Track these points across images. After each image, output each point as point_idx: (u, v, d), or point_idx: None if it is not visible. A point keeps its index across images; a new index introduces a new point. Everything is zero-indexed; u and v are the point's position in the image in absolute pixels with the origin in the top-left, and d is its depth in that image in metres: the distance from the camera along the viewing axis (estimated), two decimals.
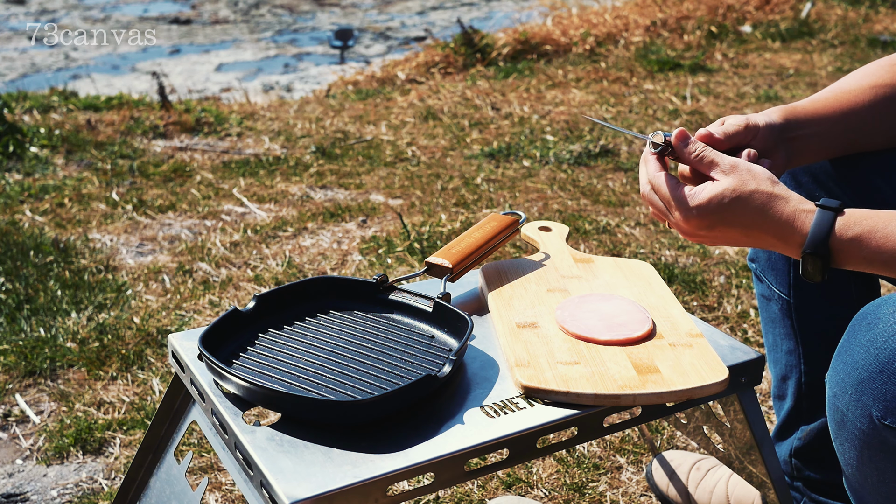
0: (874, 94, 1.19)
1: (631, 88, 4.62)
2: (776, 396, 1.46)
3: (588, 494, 1.64)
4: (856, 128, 1.19)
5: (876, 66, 1.22)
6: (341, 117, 4.26)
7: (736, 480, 1.49)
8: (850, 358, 0.91)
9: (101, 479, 1.72)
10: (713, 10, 6.22)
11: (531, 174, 3.34)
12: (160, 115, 4.14)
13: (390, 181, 3.31)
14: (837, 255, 0.98)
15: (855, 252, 0.97)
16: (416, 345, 1.13)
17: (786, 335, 1.40)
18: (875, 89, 1.19)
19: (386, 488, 0.91)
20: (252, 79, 7.14)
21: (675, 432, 1.81)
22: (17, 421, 1.91)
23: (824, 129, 1.18)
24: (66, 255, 2.65)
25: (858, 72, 1.23)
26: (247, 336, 1.13)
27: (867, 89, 1.19)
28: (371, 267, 2.56)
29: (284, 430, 0.97)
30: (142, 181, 3.33)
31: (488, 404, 1.02)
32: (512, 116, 4.14)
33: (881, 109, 1.19)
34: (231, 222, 2.94)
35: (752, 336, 2.15)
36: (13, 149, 3.59)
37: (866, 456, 0.92)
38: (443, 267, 1.24)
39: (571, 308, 1.18)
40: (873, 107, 1.19)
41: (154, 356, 2.10)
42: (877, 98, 1.19)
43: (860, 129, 1.20)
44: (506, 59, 5.41)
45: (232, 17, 9.51)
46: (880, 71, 1.21)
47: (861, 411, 0.89)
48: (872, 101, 1.19)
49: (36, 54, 7.89)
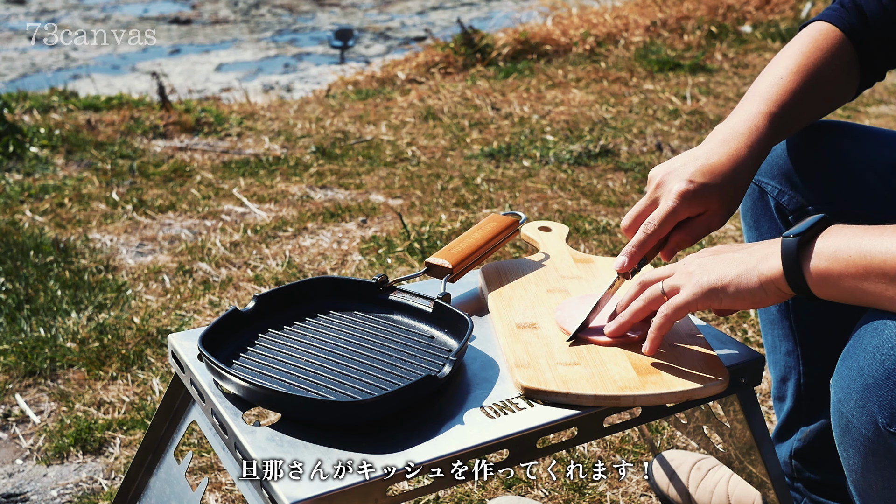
0: (811, 87, 1.20)
1: (631, 88, 4.62)
2: (776, 398, 1.46)
3: (588, 494, 1.64)
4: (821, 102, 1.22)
5: (811, 54, 1.21)
6: (341, 117, 4.26)
7: (736, 481, 1.49)
8: (856, 364, 0.90)
9: (101, 479, 1.72)
10: (713, 10, 6.22)
11: (531, 174, 3.34)
12: (160, 115, 4.14)
13: (390, 181, 3.31)
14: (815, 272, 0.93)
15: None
16: (415, 345, 1.13)
17: (784, 336, 1.40)
18: (812, 80, 1.20)
19: (386, 489, 0.91)
20: (252, 79, 7.14)
21: (675, 432, 1.81)
22: (17, 421, 1.91)
23: (802, 115, 1.20)
24: (66, 255, 2.65)
25: (796, 66, 1.21)
26: (247, 336, 1.13)
27: (808, 79, 1.20)
28: (371, 267, 2.56)
29: (284, 431, 0.97)
30: (142, 181, 3.33)
31: (488, 405, 1.02)
32: (512, 116, 4.14)
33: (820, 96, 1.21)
34: (231, 222, 2.94)
35: (752, 336, 2.15)
36: (13, 149, 3.59)
37: (871, 462, 0.92)
38: (443, 267, 1.24)
39: (571, 308, 1.18)
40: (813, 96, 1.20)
41: (154, 356, 2.10)
42: (812, 89, 1.20)
43: (805, 119, 1.23)
44: (506, 59, 5.41)
45: (232, 17, 9.51)
46: (818, 62, 1.21)
47: (866, 418, 0.89)
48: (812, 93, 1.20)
49: (36, 54, 7.89)
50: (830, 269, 0.91)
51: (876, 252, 0.88)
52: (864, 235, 0.91)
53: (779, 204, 1.31)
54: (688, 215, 1.11)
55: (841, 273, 0.91)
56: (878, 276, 0.88)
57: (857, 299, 0.91)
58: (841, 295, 0.92)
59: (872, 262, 0.88)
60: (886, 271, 0.88)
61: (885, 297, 0.88)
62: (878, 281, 0.88)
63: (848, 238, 0.91)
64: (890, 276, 0.88)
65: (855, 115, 4.19)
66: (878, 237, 0.89)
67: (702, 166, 1.11)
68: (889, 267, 0.88)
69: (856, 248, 0.90)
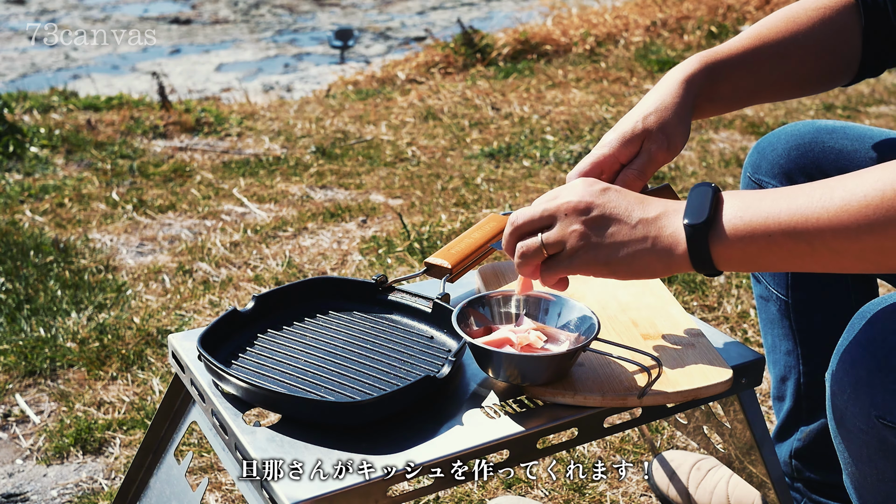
0: (787, 30, 1.19)
1: (631, 88, 4.62)
2: (776, 398, 1.46)
3: (588, 494, 1.64)
4: (774, 65, 1.19)
5: (796, 6, 1.22)
6: (341, 117, 4.26)
7: (736, 481, 1.49)
8: (849, 357, 0.91)
9: (101, 479, 1.72)
10: (713, 10, 6.21)
11: (531, 174, 3.34)
12: (160, 115, 4.14)
13: (390, 181, 3.31)
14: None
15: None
16: (415, 345, 1.13)
17: (784, 336, 1.40)
18: (789, 23, 1.19)
19: (386, 489, 0.91)
20: (252, 79, 7.13)
21: (675, 432, 1.81)
22: (17, 421, 1.91)
23: (745, 71, 1.18)
24: (66, 255, 2.65)
25: (777, 12, 1.22)
26: (246, 336, 1.13)
27: (782, 23, 1.19)
28: (371, 267, 2.56)
29: (284, 431, 0.97)
30: (142, 181, 3.33)
31: (488, 405, 1.02)
32: (512, 116, 4.14)
33: (794, 44, 1.19)
34: (231, 222, 2.94)
35: (752, 336, 2.15)
36: (13, 149, 3.59)
37: (865, 454, 0.92)
38: (442, 267, 1.24)
39: None
40: (787, 40, 1.18)
41: (154, 356, 2.10)
42: (789, 33, 1.18)
43: (778, 67, 1.19)
44: (506, 59, 5.41)
45: (232, 17, 9.51)
46: (798, 9, 1.21)
47: (860, 410, 0.90)
48: (786, 35, 1.19)
49: (36, 54, 7.89)
50: (742, 249, 0.90)
51: (783, 215, 0.87)
52: (763, 202, 0.89)
53: None
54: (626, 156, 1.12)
55: (753, 249, 0.90)
56: (783, 238, 0.87)
57: (761, 266, 0.91)
58: (745, 267, 0.93)
59: (779, 226, 0.87)
60: (789, 230, 0.87)
61: (794, 254, 0.88)
62: (784, 242, 0.88)
63: (751, 210, 0.89)
64: (795, 233, 0.87)
65: (855, 115, 4.19)
66: (776, 200, 0.88)
67: (634, 115, 1.13)
68: (794, 225, 0.87)
69: (761, 218, 0.88)
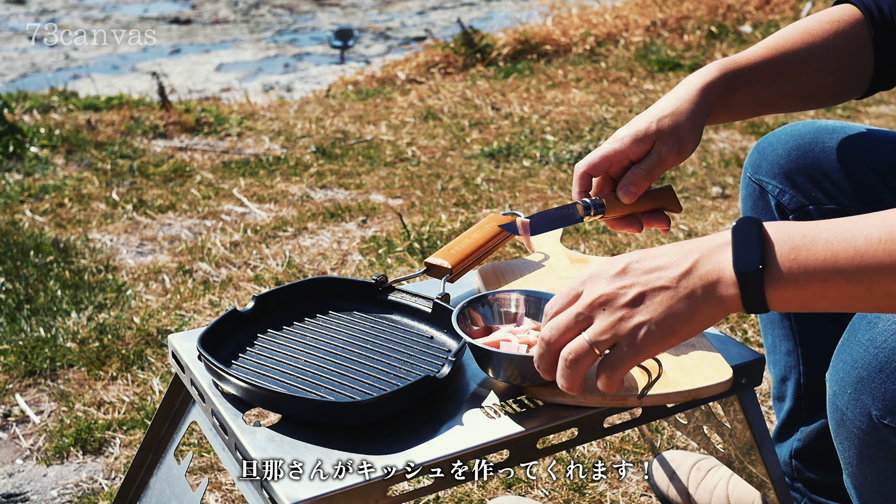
0: (804, 41, 1.19)
1: (631, 88, 4.62)
2: (776, 398, 1.46)
3: (588, 494, 1.64)
4: (790, 76, 1.19)
5: (811, 19, 1.22)
6: (341, 117, 4.26)
7: (736, 481, 1.49)
8: (850, 357, 0.91)
9: (101, 479, 1.72)
10: (713, 10, 6.21)
11: (531, 174, 3.34)
12: (160, 115, 4.14)
13: (390, 181, 3.31)
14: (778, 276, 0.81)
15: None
16: (415, 345, 1.13)
17: (784, 336, 1.40)
18: (805, 35, 1.20)
19: (386, 489, 0.91)
20: (252, 79, 7.13)
21: (675, 432, 1.81)
22: (17, 421, 1.91)
23: (762, 81, 1.18)
24: (66, 255, 2.65)
25: (792, 25, 1.23)
26: (246, 336, 1.13)
27: (799, 35, 1.20)
28: (371, 267, 2.56)
29: (284, 431, 0.97)
30: (142, 181, 3.33)
31: (488, 405, 1.02)
32: (512, 116, 4.14)
33: (809, 56, 1.19)
34: (231, 222, 2.94)
35: (752, 336, 2.15)
36: (13, 149, 3.59)
37: (866, 455, 0.92)
38: (442, 267, 1.24)
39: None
40: (803, 51, 1.19)
41: (154, 356, 2.10)
42: (805, 44, 1.19)
43: (793, 78, 1.20)
44: (506, 59, 5.41)
45: (232, 17, 9.51)
46: (814, 22, 1.21)
47: (860, 410, 0.90)
48: (802, 47, 1.19)
49: (36, 54, 7.89)
50: (800, 293, 0.81)
51: (839, 252, 0.79)
52: (816, 243, 0.80)
53: (779, 203, 1.32)
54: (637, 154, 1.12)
55: (809, 293, 0.81)
56: (838, 276, 0.79)
57: (815, 308, 0.82)
58: (800, 309, 0.83)
59: (836, 265, 0.79)
60: (843, 269, 0.79)
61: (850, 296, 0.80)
62: (839, 281, 0.79)
63: (804, 252, 0.80)
64: (848, 272, 0.79)
65: (855, 115, 4.19)
66: (830, 242, 0.80)
67: (649, 115, 1.14)
68: (847, 263, 0.79)
69: (817, 260, 0.80)
